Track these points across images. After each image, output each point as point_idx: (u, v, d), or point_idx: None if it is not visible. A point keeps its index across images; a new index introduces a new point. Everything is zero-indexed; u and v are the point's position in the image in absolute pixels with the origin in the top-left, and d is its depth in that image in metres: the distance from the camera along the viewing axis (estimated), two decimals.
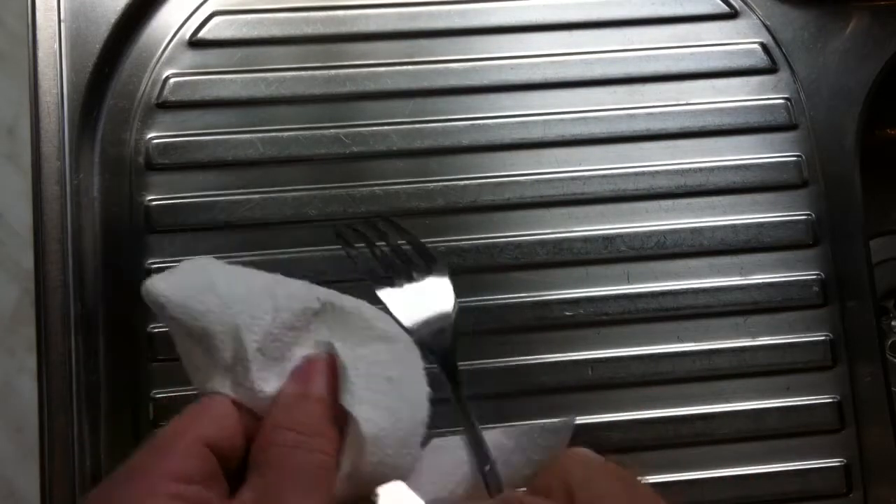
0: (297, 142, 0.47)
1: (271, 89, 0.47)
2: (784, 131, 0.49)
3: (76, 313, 0.43)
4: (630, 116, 0.48)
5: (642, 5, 0.50)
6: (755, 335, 0.47)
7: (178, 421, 0.32)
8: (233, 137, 0.46)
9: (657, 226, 0.47)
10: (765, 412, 0.46)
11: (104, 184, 0.46)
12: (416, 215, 0.47)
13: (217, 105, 0.47)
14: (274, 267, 0.37)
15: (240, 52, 0.47)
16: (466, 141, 0.48)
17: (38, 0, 0.46)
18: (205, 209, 0.46)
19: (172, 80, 0.47)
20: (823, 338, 0.47)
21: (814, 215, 0.48)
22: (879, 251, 0.60)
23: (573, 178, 0.48)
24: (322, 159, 0.47)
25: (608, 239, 0.47)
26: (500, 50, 0.49)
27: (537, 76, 0.48)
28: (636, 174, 0.48)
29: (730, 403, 0.46)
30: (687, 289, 0.47)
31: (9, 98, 0.47)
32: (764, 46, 0.50)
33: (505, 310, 0.46)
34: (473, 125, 0.48)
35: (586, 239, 0.47)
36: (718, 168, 0.48)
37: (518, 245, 0.47)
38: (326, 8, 0.48)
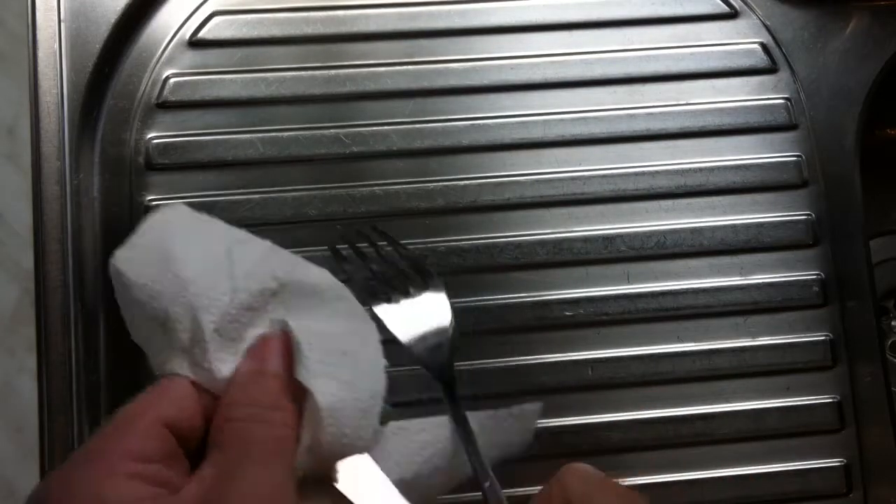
0: (297, 142, 0.47)
1: (271, 89, 0.47)
2: (784, 131, 0.49)
3: (76, 313, 0.43)
4: (630, 116, 0.48)
5: (642, 5, 0.50)
6: (755, 335, 0.47)
7: (137, 402, 0.32)
8: (233, 137, 0.46)
9: (657, 226, 0.47)
10: (765, 412, 0.46)
11: (104, 184, 0.46)
12: (416, 215, 0.47)
13: (217, 105, 0.47)
14: None
15: (240, 52, 0.47)
16: (466, 141, 0.48)
17: (38, 0, 0.46)
18: (205, 209, 0.45)
19: (172, 80, 0.47)
20: (823, 338, 0.47)
21: (814, 215, 0.48)
22: (879, 251, 0.60)
23: (573, 178, 0.48)
24: (322, 159, 0.47)
25: (608, 239, 0.47)
26: (500, 50, 0.49)
27: (537, 76, 0.48)
28: (636, 174, 0.48)
29: (730, 403, 0.46)
30: (687, 289, 0.47)
31: (9, 98, 0.47)
32: (764, 46, 0.50)
33: (505, 310, 0.46)
34: (473, 125, 0.48)
35: (586, 239, 0.47)
36: (718, 168, 0.48)
37: (518, 245, 0.47)
38: (326, 8, 0.48)
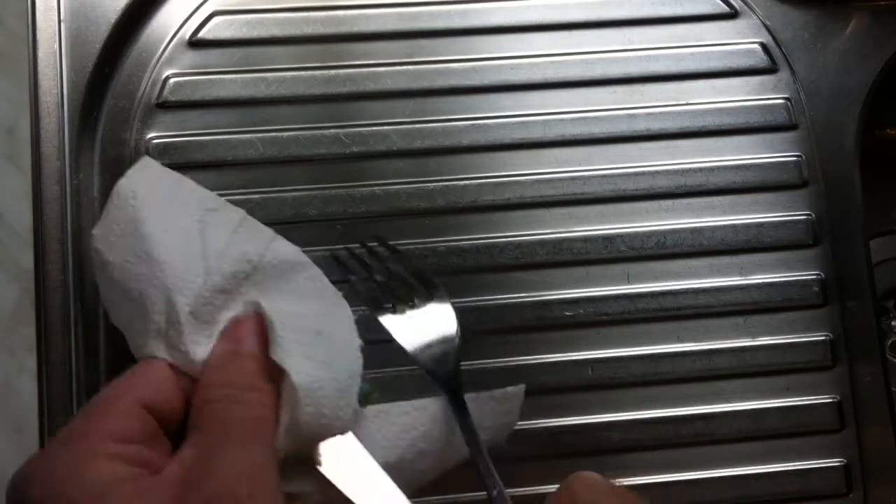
0: (297, 142, 0.47)
1: (271, 89, 0.47)
2: (784, 131, 0.49)
3: (76, 313, 0.43)
4: (630, 116, 0.48)
5: (642, 5, 0.50)
6: (755, 335, 0.47)
7: (116, 384, 0.32)
8: (233, 137, 0.46)
9: (657, 226, 0.47)
10: (765, 412, 0.46)
11: (104, 184, 0.46)
12: (416, 215, 0.47)
13: (217, 105, 0.47)
14: None
15: (240, 52, 0.47)
16: (466, 141, 0.48)
17: (38, 0, 0.46)
18: None
19: (172, 80, 0.47)
20: (823, 338, 0.47)
21: (814, 215, 0.48)
22: (879, 251, 0.60)
23: (573, 178, 0.48)
24: (322, 159, 0.47)
25: (608, 239, 0.47)
26: (500, 50, 0.49)
27: (537, 76, 0.48)
28: (636, 174, 0.48)
29: (730, 403, 0.46)
30: (687, 289, 0.47)
31: (9, 98, 0.47)
32: (764, 46, 0.50)
33: (505, 310, 0.46)
34: (473, 125, 0.48)
35: (586, 239, 0.47)
36: (718, 168, 0.48)
37: (518, 245, 0.47)
38: (326, 8, 0.48)
